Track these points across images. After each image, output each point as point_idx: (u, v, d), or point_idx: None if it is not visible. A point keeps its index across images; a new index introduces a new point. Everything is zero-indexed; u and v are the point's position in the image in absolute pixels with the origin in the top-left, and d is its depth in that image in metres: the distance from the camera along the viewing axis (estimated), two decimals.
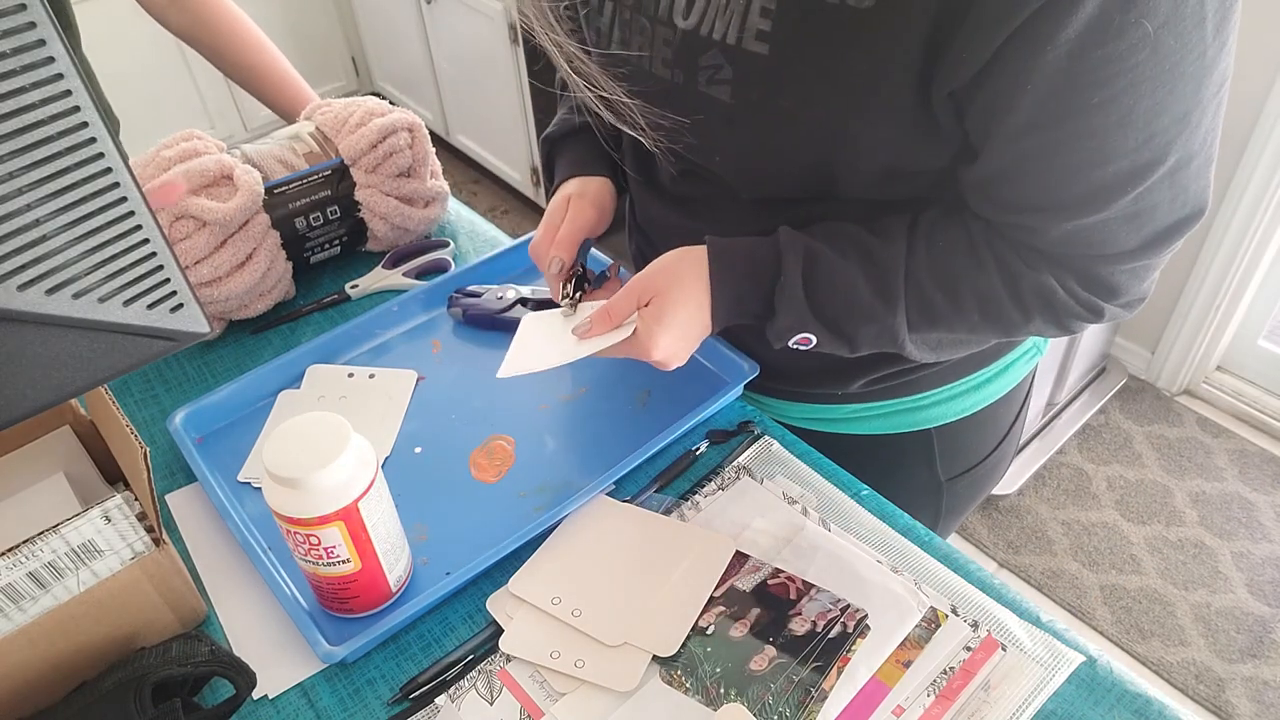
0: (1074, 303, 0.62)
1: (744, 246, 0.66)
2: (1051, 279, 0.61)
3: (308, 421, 0.58)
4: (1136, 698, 0.57)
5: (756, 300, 0.66)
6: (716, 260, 0.65)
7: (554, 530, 0.68)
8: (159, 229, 0.48)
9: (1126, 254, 0.59)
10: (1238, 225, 1.87)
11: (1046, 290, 0.61)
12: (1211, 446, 2.01)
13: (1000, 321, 0.64)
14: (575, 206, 0.76)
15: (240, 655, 0.59)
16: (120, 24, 2.67)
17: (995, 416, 0.83)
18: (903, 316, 0.63)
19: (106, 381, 0.50)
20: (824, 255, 0.63)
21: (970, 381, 0.79)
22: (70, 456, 0.70)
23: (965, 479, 0.86)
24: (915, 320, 0.64)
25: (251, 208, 0.85)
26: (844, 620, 0.60)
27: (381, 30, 3.06)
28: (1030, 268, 0.61)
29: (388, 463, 0.76)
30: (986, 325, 0.64)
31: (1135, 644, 1.68)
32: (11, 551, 0.52)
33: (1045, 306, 0.62)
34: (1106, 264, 0.60)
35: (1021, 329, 0.64)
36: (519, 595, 0.64)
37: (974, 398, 0.80)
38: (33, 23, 0.40)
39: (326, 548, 0.58)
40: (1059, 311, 0.62)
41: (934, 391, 0.78)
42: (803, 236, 0.64)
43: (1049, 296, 0.62)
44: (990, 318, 0.63)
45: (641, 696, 0.58)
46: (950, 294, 0.63)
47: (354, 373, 0.84)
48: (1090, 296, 0.62)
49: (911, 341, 0.65)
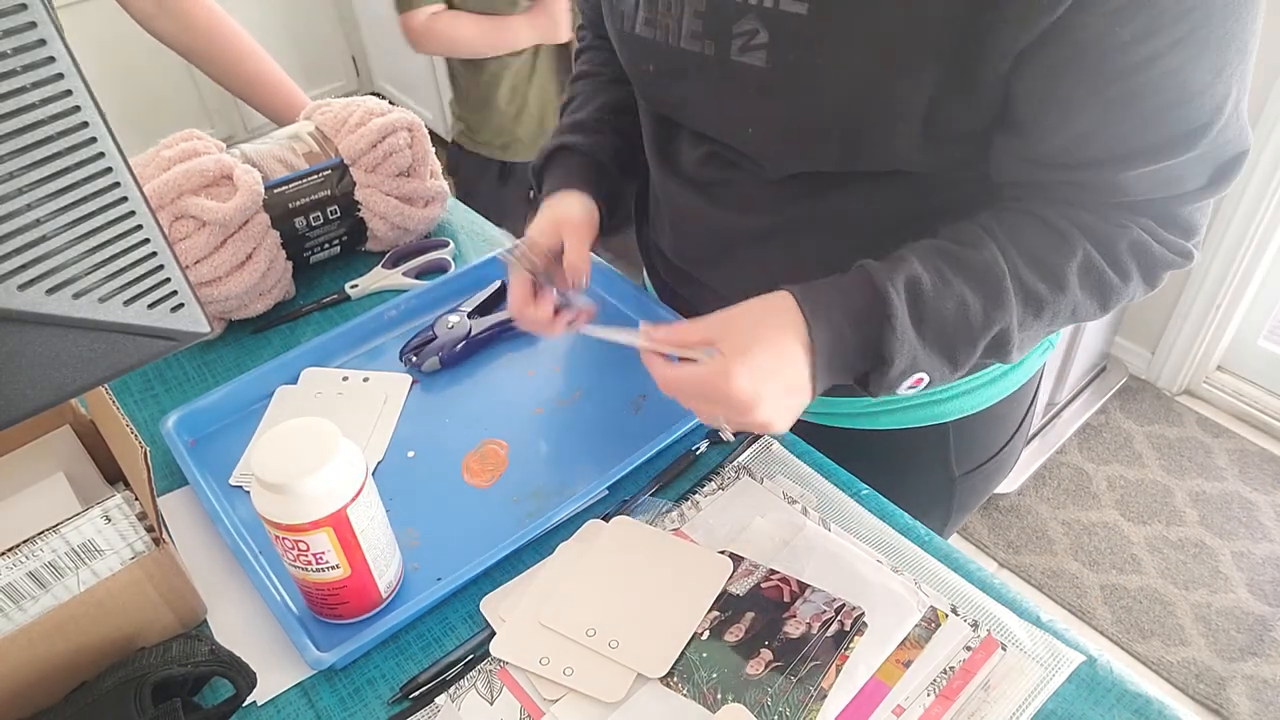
0: (1165, 250, 0.61)
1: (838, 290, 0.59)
2: (1141, 232, 0.61)
3: (297, 427, 0.57)
4: (1136, 697, 0.57)
5: (860, 351, 0.59)
6: (809, 306, 0.58)
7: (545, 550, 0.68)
8: (159, 229, 0.48)
9: (1199, 190, 0.59)
10: (1238, 225, 1.87)
11: (1141, 245, 0.61)
12: (1212, 446, 2.01)
13: (1101, 291, 0.61)
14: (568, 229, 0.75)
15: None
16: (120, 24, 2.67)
17: (1009, 411, 0.83)
18: (1015, 317, 0.60)
19: (106, 381, 0.50)
20: (925, 283, 0.58)
21: (988, 374, 0.78)
22: (70, 456, 0.70)
23: (978, 474, 0.86)
24: (1024, 317, 0.60)
25: (251, 207, 0.85)
26: (840, 619, 0.60)
27: (381, 30, 3.06)
28: (1120, 227, 0.60)
29: (380, 467, 0.76)
30: (1089, 300, 0.62)
31: (1135, 644, 1.68)
32: (11, 551, 0.52)
33: (1141, 262, 0.61)
34: (1184, 203, 0.60)
35: (1121, 294, 0.62)
36: (504, 618, 0.63)
37: (990, 391, 0.80)
38: (33, 22, 0.40)
39: (315, 554, 0.58)
40: (1154, 263, 0.62)
41: (954, 384, 0.78)
42: (893, 265, 0.59)
43: (1144, 250, 0.61)
44: (1091, 290, 0.61)
45: (640, 698, 0.58)
46: (1053, 279, 0.60)
47: (348, 376, 0.84)
48: (1176, 239, 0.62)
49: (1018, 344, 0.62)
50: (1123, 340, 2.20)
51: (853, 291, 0.59)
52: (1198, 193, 0.60)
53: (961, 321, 0.59)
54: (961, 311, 0.59)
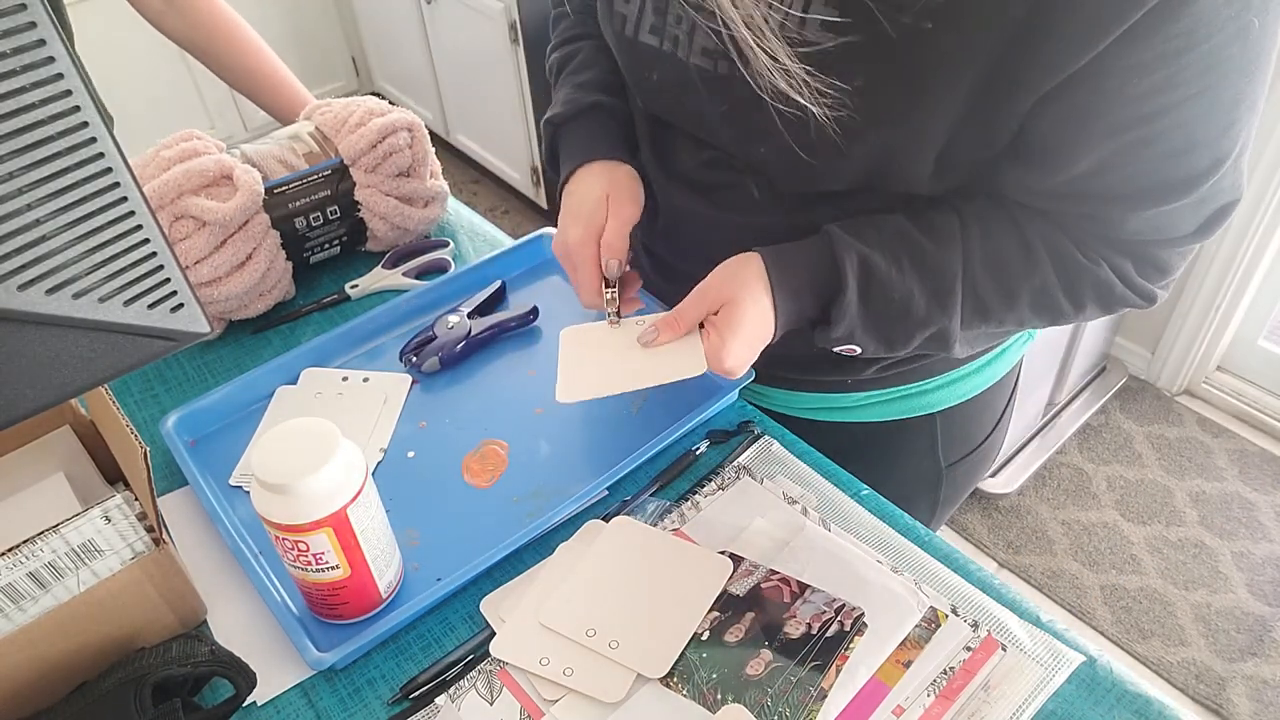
0: (1129, 292, 0.63)
1: (802, 258, 0.64)
2: (1110, 272, 0.62)
3: (296, 427, 0.57)
4: (1136, 698, 0.57)
5: (814, 310, 0.66)
6: (776, 270, 0.64)
7: (546, 550, 0.68)
8: (159, 229, 0.48)
9: (1186, 237, 0.61)
10: (1238, 225, 1.87)
11: (1104, 284, 0.63)
12: (1211, 446, 2.01)
13: (1050, 313, 0.65)
14: (616, 202, 0.71)
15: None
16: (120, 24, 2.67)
17: (992, 400, 0.85)
18: (958, 321, 0.64)
19: (106, 381, 0.50)
20: (879, 268, 0.62)
21: (972, 365, 0.80)
22: (70, 456, 0.70)
23: (963, 464, 0.87)
24: (969, 320, 0.64)
25: (251, 208, 0.85)
26: (840, 619, 0.60)
27: (381, 30, 3.06)
28: (1091, 262, 0.62)
29: (380, 467, 0.76)
30: (1035, 317, 0.65)
31: (1135, 644, 1.68)
32: (11, 551, 0.52)
33: (1099, 299, 0.64)
34: (1167, 247, 0.62)
35: (1070, 318, 0.66)
36: (504, 618, 0.63)
37: (974, 380, 0.81)
38: (33, 22, 0.40)
39: (315, 554, 0.58)
40: (1113, 301, 0.64)
41: (939, 376, 0.79)
42: (856, 243, 0.63)
43: (1106, 289, 0.63)
44: (1041, 310, 0.64)
45: (640, 698, 0.58)
46: (1005, 293, 0.63)
47: (348, 376, 0.84)
48: (1144, 282, 0.63)
49: (960, 340, 0.65)
50: (1123, 340, 2.20)
51: (817, 259, 0.64)
52: (1184, 238, 0.61)
53: (904, 312, 0.63)
54: (906, 303, 0.63)
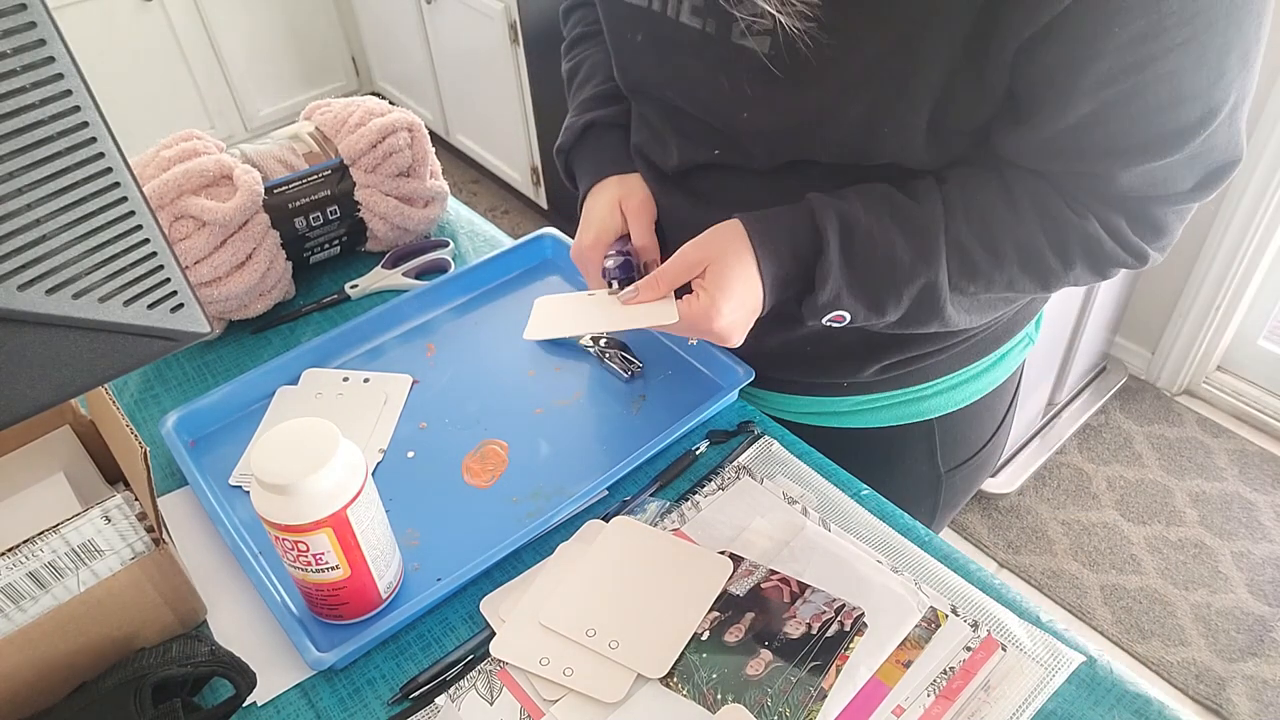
0: (1120, 250, 0.62)
1: (783, 223, 0.64)
2: (1099, 227, 0.61)
3: (297, 427, 0.57)
4: (1136, 698, 0.57)
5: (797, 270, 0.64)
6: (757, 233, 0.63)
7: (545, 550, 0.68)
8: (159, 229, 0.48)
9: (1182, 194, 0.60)
10: (1238, 225, 1.87)
11: (1092, 239, 0.62)
12: (1211, 446, 2.01)
13: (1040, 272, 0.64)
14: (634, 209, 0.75)
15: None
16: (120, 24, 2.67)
17: (992, 406, 0.84)
18: (944, 274, 0.63)
19: (106, 381, 0.50)
20: (859, 222, 0.62)
21: (970, 370, 0.79)
22: (70, 456, 0.70)
23: (963, 470, 0.87)
24: (955, 277, 0.63)
25: (251, 208, 0.85)
26: (840, 619, 0.60)
27: (381, 30, 3.05)
28: (1079, 216, 0.61)
29: (380, 467, 0.76)
30: (1026, 277, 0.64)
31: (1135, 644, 1.68)
32: (11, 551, 0.52)
33: (1088, 255, 0.62)
34: (1162, 205, 0.61)
35: (1061, 279, 0.64)
36: (504, 618, 0.63)
37: (973, 386, 0.81)
38: (33, 23, 0.40)
39: (315, 554, 0.58)
40: (1103, 259, 0.63)
41: (937, 381, 0.79)
42: (834, 202, 0.62)
43: (1094, 243, 0.62)
44: (1030, 269, 0.63)
45: (640, 698, 0.58)
46: (990, 247, 0.62)
47: (349, 376, 0.84)
48: (1138, 241, 0.62)
49: (952, 302, 0.64)
50: (1123, 340, 2.20)
51: (797, 223, 0.63)
52: (1182, 195, 0.60)
53: (888, 266, 0.62)
54: (889, 255, 0.62)
